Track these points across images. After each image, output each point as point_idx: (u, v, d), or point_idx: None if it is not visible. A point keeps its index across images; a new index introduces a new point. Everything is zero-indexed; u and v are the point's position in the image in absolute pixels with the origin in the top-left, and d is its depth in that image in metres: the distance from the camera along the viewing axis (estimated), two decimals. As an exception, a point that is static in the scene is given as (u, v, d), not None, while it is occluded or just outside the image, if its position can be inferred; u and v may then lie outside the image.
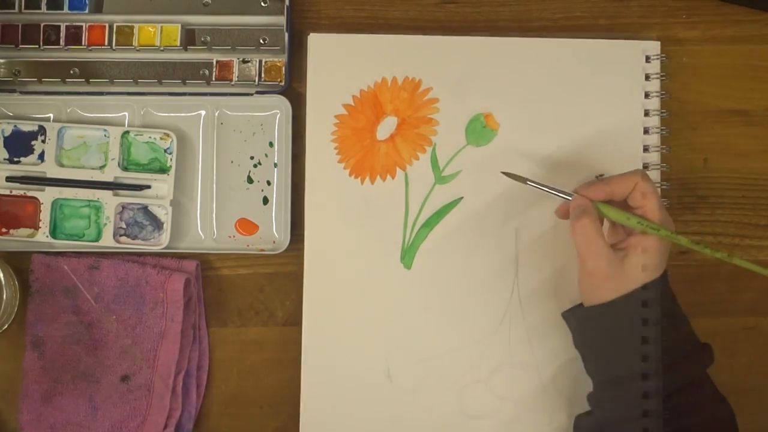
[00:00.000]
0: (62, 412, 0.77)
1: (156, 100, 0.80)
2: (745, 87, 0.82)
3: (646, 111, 0.79)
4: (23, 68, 0.80)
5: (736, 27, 0.83)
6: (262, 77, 0.79)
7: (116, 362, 0.78)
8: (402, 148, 0.79)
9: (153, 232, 0.79)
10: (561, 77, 0.79)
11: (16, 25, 0.79)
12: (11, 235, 0.78)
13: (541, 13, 0.82)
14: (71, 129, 0.80)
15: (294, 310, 0.80)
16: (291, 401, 0.78)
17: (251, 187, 0.80)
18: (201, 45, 0.79)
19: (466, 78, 0.79)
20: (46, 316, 0.78)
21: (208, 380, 0.79)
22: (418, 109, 0.79)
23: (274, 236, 0.80)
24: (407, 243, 0.78)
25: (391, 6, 0.82)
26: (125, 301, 0.78)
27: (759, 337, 0.81)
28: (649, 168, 0.79)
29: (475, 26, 0.81)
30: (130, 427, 0.77)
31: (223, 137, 0.80)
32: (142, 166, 0.80)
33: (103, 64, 0.80)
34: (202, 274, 0.80)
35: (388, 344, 0.77)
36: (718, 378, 0.80)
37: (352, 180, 0.79)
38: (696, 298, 0.80)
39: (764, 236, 0.81)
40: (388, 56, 0.79)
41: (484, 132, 0.79)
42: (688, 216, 0.81)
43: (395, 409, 0.77)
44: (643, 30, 0.81)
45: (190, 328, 0.78)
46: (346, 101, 0.79)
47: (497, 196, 0.78)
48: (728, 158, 0.82)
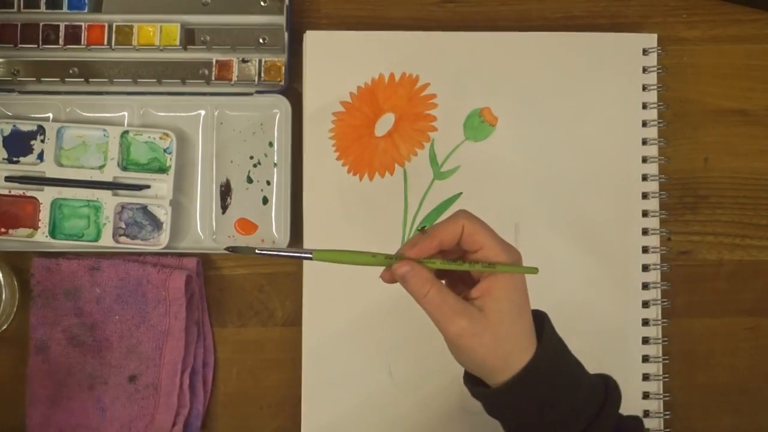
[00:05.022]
0: (71, 415, 0.77)
1: (155, 100, 0.80)
2: (745, 87, 0.82)
3: (644, 104, 0.79)
4: (22, 68, 0.79)
5: (736, 27, 0.83)
6: (261, 77, 0.79)
7: (122, 363, 0.78)
8: (400, 145, 0.78)
9: (152, 232, 0.79)
10: (558, 71, 0.79)
11: (15, 25, 0.79)
12: (10, 235, 0.78)
13: (541, 12, 0.82)
14: (70, 129, 0.79)
15: (294, 310, 0.79)
16: (291, 401, 0.78)
17: (251, 187, 0.80)
18: (200, 44, 0.79)
19: (463, 73, 0.79)
20: (49, 320, 0.78)
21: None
22: (415, 105, 0.79)
23: (274, 236, 0.80)
24: (407, 239, 0.77)
25: (391, 5, 0.82)
26: (127, 300, 0.78)
27: (759, 337, 0.81)
28: (647, 161, 0.79)
29: (475, 25, 0.81)
30: (139, 426, 0.77)
31: (223, 137, 0.80)
32: (142, 166, 0.80)
33: (103, 64, 0.80)
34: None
35: (389, 342, 0.77)
36: (719, 378, 0.80)
37: (351, 177, 0.78)
38: (696, 298, 0.80)
39: (764, 236, 0.81)
40: (385, 52, 0.79)
41: (482, 127, 0.79)
42: (689, 216, 0.81)
43: (396, 407, 0.77)
44: (643, 29, 0.81)
45: (193, 325, 0.78)
46: (343, 98, 0.79)
47: (496, 191, 0.78)
48: (728, 158, 0.82)
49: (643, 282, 0.78)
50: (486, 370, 0.59)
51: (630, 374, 0.77)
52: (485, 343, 0.57)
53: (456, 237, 0.58)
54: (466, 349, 0.58)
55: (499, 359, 0.58)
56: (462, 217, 0.58)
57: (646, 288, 0.78)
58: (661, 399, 0.78)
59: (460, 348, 0.58)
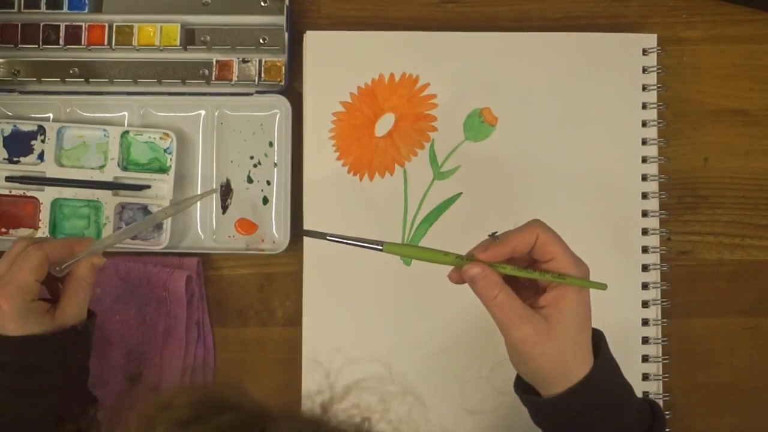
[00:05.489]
0: (71, 416, 0.77)
1: (156, 100, 0.80)
2: (745, 87, 0.82)
3: (644, 104, 0.79)
4: (23, 68, 0.80)
5: (736, 27, 0.83)
6: (261, 77, 0.79)
7: (123, 363, 0.78)
8: (400, 145, 0.78)
9: (153, 232, 0.79)
10: (558, 71, 0.79)
11: (16, 25, 0.79)
12: (11, 235, 0.78)
13: (542, 12, 0.82)
14: (71, 129, 0.80)
15: (294, 310, 0.79)
16: (291, 401, 0.77)
17: (251, 187, 0.80)
18: (201, 45, 0.79)
19: (463, 73, 0.79)
20: (48, 320, 0.78)
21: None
22: (416, 105, 0.79)
23: (274, 236, 0.80)
24: (407, 239, 0.77)
25: (392, 5, 0.82)
26: (127, 300, 0.78)
27: (759, 337, 0.81)
28: (647, 161, 0.79)
29: (475, 25, 0.81)
30: (140, 427, 0.77)
31: (223, 137, 0.80)
32: (142, 166, 0.80)
33: (103, 64, 0.80)
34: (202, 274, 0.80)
35: (389, 341, 0.77)
36: (719, 378, 0.80)
37: (351, 177, 0.79)
38: (696, 298, 0.80)
39: (764, 236, 0.81)
40: (386, 52, 0.79)
41: (482, 127, 0.79)
42: (689, 216, 0.81)
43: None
44: (643, 30, 0.81)
45: (194, 326, 0.78)
46: (343, 98, 0.79)
47: (496, 191, 0.78)
48: (728, 158, 0.82)
49: (643, 282, 0.78)
50: (543, 379, 0.59)
51: (630, 374, 0.76)
52: (546, 353, 0.58)
53: (529, 245, 0.59)
54: (526, 355, 0.58)
55: (557, 370, 0.58)
56: (537, 227, 0.59)
57: (646, 288, 0.78)
58: (661, 399, 0.77)
59: (521, 354, 0.58)
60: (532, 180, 0.78)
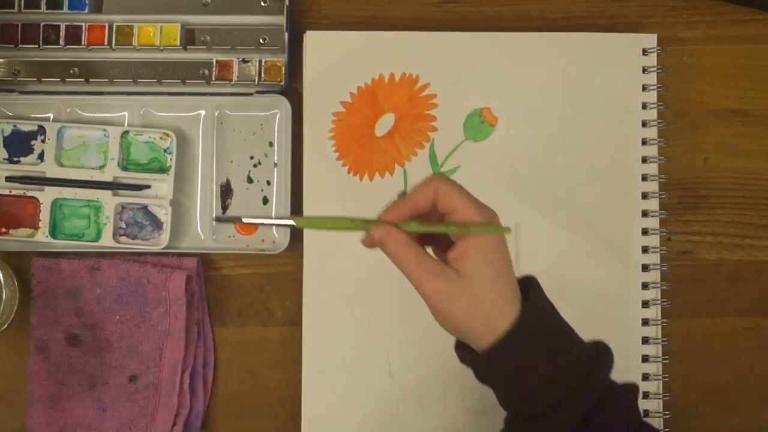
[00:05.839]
0: (71, 415, 0.77)
1: (156, 100, 0.80)
2: (745, 87, 0.82)
3: (644, 104, 0.79)
4: (23, 68, 0.80)
5: (736, 27, 0.83)
6: (261, 77, 0.79)
7: (123, 362, 0.78)
8: (400, 145, 0.78)
9: (153, 232, 0.79)
10: (559, 71, 0.79)
11: (16, 25, 0.79)
12: (11, 235, 0.78)
13: (542, 12, 0.82)
14: (71, 129, 0.80)
15: (294, 310, 0.79)
16: (291, 401, 0.78)
17: (251, 187, 0.80)
18: (201, 45, 0.79)
19: (463, 73, 0.79)
20: (49, 320, 0.78)
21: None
22: (415, 105, 0.79)
23: (274, 236, 0.80)
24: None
25: (392, 5, 0.82)
26: (128, 300, 0.78)
27: (759, 337, 0.81)
28: (647, 161, 0.79)
29: (475, 25, 0.81)
30: (139, 426, 0.77)
31: (223, 137, 0.80)
32: (142, 166, 0.80)
33: (103, 64, 0.80)
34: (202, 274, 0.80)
35: (390, 342, 0.77)
36: (718, 378, 0.80)
37: (351, 177, 0.79)
38: (696, 298, 0.80)
39: (764, 236, 0.81)
40: (386, 52, 0.79)
41: (482, 127, 0.79)
42: (689, 216, 0.81)
43: (397, 406, 0.77)
44: (643, 30, 0.81)
45: (194, 325, 0.78)
46: (343, 98, 0.79)
47: (496, 191, 0.78)
48: (728, 158, 0.82)
49: (643, 282, 0.78)
50: (468, 333, 0.58)
51: (630, 374, 0.77)
52: (463, 306, 0.56)
53: (429, 199, 0.57)
54: (444, 311, 0.57)
55: (478, 322, 0.56)
56: (435, 180, 0.58)
57: (646, 288, 0.78)
58: (660, 399, 0.78)
59: (439, 311, 0.57)
60: (532, 180, 0.78)
